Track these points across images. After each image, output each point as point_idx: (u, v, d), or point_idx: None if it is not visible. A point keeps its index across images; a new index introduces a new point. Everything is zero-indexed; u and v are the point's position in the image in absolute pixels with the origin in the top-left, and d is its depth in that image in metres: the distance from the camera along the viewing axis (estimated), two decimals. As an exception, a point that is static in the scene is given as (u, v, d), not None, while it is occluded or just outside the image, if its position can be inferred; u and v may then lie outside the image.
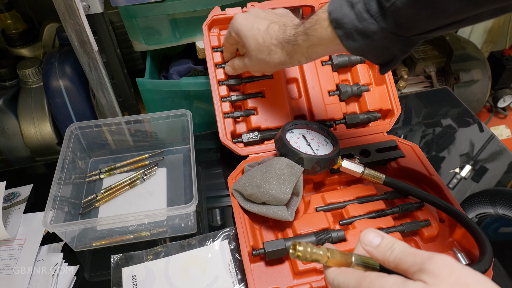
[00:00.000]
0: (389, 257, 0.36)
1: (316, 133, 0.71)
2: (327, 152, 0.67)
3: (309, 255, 0.37)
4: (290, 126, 0.70)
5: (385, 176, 0.66)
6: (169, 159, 0.84)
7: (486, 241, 0.55)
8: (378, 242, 0.37)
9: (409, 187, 0.65)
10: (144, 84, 0.91)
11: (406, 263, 0.34)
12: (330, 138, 0.70)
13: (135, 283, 0.63)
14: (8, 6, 0.96)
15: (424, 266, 0.33)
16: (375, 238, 0.38)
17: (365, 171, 0.66)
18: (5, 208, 0.75)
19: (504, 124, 1.57)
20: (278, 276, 0.61)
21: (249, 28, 0.64)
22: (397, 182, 0.66)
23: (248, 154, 0.75)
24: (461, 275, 0.32)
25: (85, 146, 0.81)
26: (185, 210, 0.63)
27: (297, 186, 0.63)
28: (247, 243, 0.61)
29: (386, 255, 0.36)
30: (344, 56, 0.80)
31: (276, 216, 0.62)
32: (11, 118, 0.92)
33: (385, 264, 0.37)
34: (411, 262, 0.34)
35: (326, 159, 0.64)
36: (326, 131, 0.71)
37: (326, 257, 0.38)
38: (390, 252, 0.36)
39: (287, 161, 0.63)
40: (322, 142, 0.70)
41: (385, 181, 0.66)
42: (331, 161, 0.65)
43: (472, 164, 0.83)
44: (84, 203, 0.75)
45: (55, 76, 0.86)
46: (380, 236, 0.38)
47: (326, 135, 0.71)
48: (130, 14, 0.84)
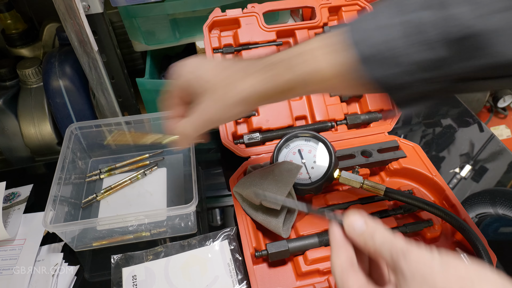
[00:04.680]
0: (370, 247, 0.35)
1: (313, 143, 0.70)
2: (325, 164, 0.67)
3: None
4: (282, 142, 0.69)
5: (385, 187, 0.63)
6: (169, 159, 0.84)
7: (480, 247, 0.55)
8: (361, 230, 0.36)
9: (409, 198, 0.62)
10: (144, 84, 0.91)
11: (384, 255, 0.34)
12: (326, 147, 0.69)
13: (135, 283, 0.63)
14: (8, 6, 0.96)
15: (397, 264, 0.32)
16: (358, 224, 0.36)
17: (365, 183, 0.64)
18: (5, 208, 0.75)
19: (504, 124, 1.58)
20: (281, 278, 0.61)
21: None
22: (396, 193, 0.63)
23: (249, 155, 0.74)
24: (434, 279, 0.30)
25: (85, 146, 0.81)
26: (185, 210, 0.63)
27: (292, 195, 0.63)
28: (249, 244, 0.61)
29: (368, 244, 0.35)
30: (345, 56, 0.80)
31: (271, 228, 0.62)
32: (11, 118, 0.92)
33: (367, 251, 0.36)
34: (388, 256, 0.33)
35: (317, 186, 0.64)
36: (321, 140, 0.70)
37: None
38: (371, 241, 0.35)
39: (287, 164, 0.63)
40: (320, 153, 0.69)
41: (385, 192, 0.63)
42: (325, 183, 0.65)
43: (472, 164, 0.83)
44: (84, 203, 0.75)
45: (55, 76, 0.86)
46: (363, 222, 0.36)
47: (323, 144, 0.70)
48: (130, 14, 0.84)
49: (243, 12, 0.79)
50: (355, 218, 0.36)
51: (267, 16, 0.86)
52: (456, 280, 0.30)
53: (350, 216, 0.37)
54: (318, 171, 0.67)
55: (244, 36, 0.78)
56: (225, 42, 0.79)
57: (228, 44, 0.79)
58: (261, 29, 0.79)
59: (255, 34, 0.78)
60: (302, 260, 0.60)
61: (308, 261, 0.59)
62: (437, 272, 0.30)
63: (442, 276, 0.30)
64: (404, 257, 0.32)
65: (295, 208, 0.43)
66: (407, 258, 0.32)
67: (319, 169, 0.67)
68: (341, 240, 0.37)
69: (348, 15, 0.82)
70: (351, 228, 0.36)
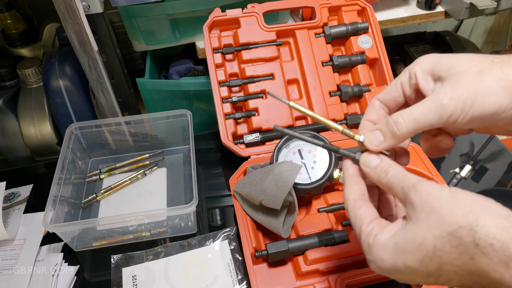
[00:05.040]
0: (382, 179, 0.36)
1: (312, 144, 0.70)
2: (325, 164, 0.67)
3: None
4: (282, 142, 0.69)
5: None
6: (169, 159, 0.84)
7: None
8: (376, 164, 0.37)
9: None
10: (144, 84, 0.91)
11: (395, 188, 0.35)
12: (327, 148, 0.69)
13: (135, 283, 0.63)
14: (8, 6, 0.96)
15: (408, 196, 0.33)
16: (375, 160, 0.38)
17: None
18: (5, 208, 0.75)
19: (504, 124, 1.57)
20: (281, 278, 0.61)
21: None
22: None
23: (249, 155, 0.74)
24: (442, 211, 0.31)
25: (85, 146, 0.81)
26: (185, 210, 0.63)
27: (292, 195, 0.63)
28: (249, 244, 0.61)
29: (380, 177, 0.37)
30: (345, 56, 0.80)
31: (271, 228, 0.62)
32: (11, 118, 0.92)
33: (380, 186, 0.37)
34: (399, 188, 0.34)
35: (317, 186, 0.64)
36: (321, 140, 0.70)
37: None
38: (384, 175, 0.36)
39: (287, 164, 0.63)
40: (320, 153, 0.69)
41: None
42: (325, 183, 0.65)
43: (472, 164, 0.83)
44: (84, 203, 0.75)
45: (55, 76, 0.86)
46: (379, 158, 0.38)
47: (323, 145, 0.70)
48: (130, 14, 0.84)
49: (243, 12, 0.79)
50: (373, 157, 0.38)
51: (267, 16, 0.86)
52: (462, 212, 0.31)
53: (369, 156, 0.38)
54: (318, 171, 0.67)
55: (244, 36, 0.78)
56: (225, 42, 0.79)
57: (228, 44, 0.79)
58: (261, 29, 0.79)
59: (255, 34, 0.78)
60: (302, 260, 0.60)
61: (308, 261, 0.59)
62: (444, 204, 0.31)
63: (449, 208, 0.31)
64: (415, 190, 0.33)
65: (311, 143, 0.42)
66: (417, 190, 0.33)
67: (319, 169, 0.67)
68: (354, 175, 0.39)
69: (348, 15, 0.82)
70: (366, 163, 0.38)
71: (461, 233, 0.30)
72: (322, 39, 0.81)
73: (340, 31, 0.80)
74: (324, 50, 0.80)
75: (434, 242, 0.31)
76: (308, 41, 0.80)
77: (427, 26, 1.53)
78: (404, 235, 0.33)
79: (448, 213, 0.31)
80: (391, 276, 0.35)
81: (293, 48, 0.82)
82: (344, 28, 0.80)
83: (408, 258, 0.33)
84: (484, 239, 0.29)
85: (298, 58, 0.80)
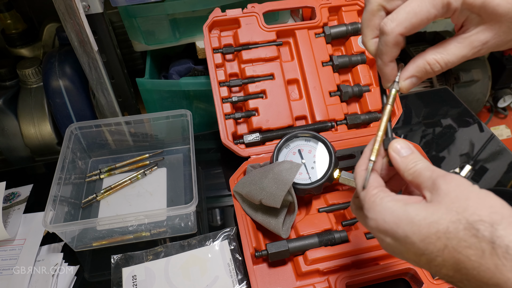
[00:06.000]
0: (410, 169, 0.37)
1: (313, 143, 0.71)
2: (325, 164, 0.67)
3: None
4: (282, 142, 0.70)
5: None
6: (169, 159, 0.84)
7: None
8: (406, 154, 0.38)
9: None
10: (144, 84, 0.91)
11: (423, 176, 0.36)
12: (326, 147, 0.70)
13: (135, 283, 0.63)
14: (8, 6, 0.96)
15: (436, 183, 0.34)
16: (405, 150, 0.39)
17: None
18: (5, 208, 0.75)
19: (504, 124, 1.57)
20: (281, 278, 0.61)
21: None
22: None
23: (249, 155, 0.74)
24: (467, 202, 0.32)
25: (85, 146, 0.81)
26: (185, 210, 0.63)
27: (292, 195, 0.63)
28: (249, 244, 0.61)
29: (408, 167, 0.38)
30: (345, 56, 0.80)
31: (271, 228, 0.62)
32: (11, 118, 0.92)
33: (403, 175, 0.38)
34: (426, 177, 0.35)
35: (317, 186, 0.64)
36: (321, 140, 0.70)
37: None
38: (413, 165, 0.37)
39: (287, 163, 0.63)
40: (320, 153, 0.69)
41: None
42: (325, 183, 0.65)
43: (472, 164, 0.83)
44: (84, 203, 0.75)
45: (55, 76, 0.86)
46: (410, 150, 0.39)
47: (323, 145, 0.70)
48: (130, 14, 0.84)
49: (243, 12, 0.79)
50: (404, 146, 0.39)
51: (267, 16, 0.86)
52: (488, 209, 0.31)
53: (399, 143, 0.39)
54: (318, 171, 0.67)
55: (244, 36, 0.78)
56: (225, 42, 0.79)
57: (228, 44, 0.79)
58: (261, 29, 0.79)
59: (255, 34, 0.78)
60: (302, 260, 0.60)
61: (308, 261, 0.59)
62: (473, 196, 0.32)
63: (476, 201, 0.32)
64: (444, 178, 0.34)
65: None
66: (447, 179, 0.34)
67: (319, 169, 0.67)
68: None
69: (348, 15, 0.82)
70: (397, 151, 0.39)
71: (481, 226, 0.30)
72: (322, 39, 0.81)
73: (340, 31, 0.80)
74: (324, 50, 0.80)
75: (448, 224, 0.31)
76: (308, 41, 0.80)
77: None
78: (418, 209, 0.34)
79: (473, 205, 0.32)
80: (384, 241, 0.36)
81: (293, 48, 0.82)
82: (344, 28, 0.80)
83: (412, 229, 0.33)
84: (502, 239, 0.29)
85: (298, 58, 0.80)
